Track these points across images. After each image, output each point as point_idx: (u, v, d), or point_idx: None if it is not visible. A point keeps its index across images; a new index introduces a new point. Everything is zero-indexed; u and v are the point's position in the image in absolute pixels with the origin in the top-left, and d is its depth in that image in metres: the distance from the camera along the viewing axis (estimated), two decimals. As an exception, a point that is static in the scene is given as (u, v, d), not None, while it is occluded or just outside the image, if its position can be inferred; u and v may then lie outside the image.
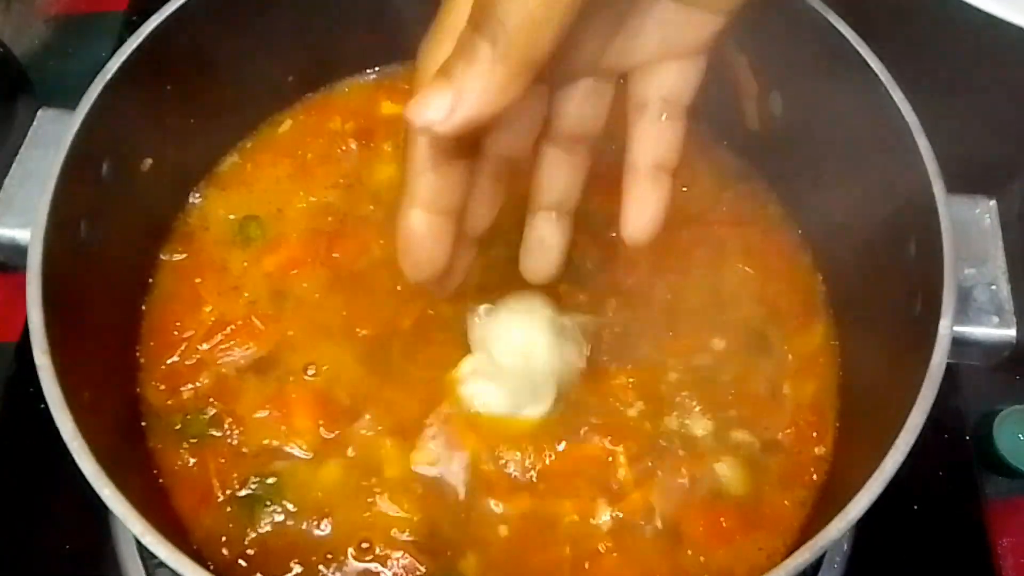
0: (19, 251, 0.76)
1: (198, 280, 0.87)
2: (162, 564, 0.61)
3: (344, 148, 0.96)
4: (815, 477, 0.80)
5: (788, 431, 0.82)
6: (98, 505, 0.62)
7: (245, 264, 0.89)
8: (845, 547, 0.87)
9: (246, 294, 0.87)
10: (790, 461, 0.81)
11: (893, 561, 0.91)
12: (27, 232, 0.71)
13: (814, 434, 0.82)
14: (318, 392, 0.82)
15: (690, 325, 0.86)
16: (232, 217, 0.91)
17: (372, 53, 1.01)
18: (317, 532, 0.76)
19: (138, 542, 0.82)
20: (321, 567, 0.75)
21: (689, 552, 0.76)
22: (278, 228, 0.91)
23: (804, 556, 0.61)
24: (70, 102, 0.76)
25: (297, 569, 0.75)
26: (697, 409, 0.82)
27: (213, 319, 0.85)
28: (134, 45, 0.78)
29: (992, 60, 1.15)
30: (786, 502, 0.79)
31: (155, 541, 0.61)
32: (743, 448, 0.81)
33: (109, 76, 0.76)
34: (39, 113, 0.81)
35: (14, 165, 0.79)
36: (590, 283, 0.87)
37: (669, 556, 0.76)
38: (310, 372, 0.83)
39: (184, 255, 0.89)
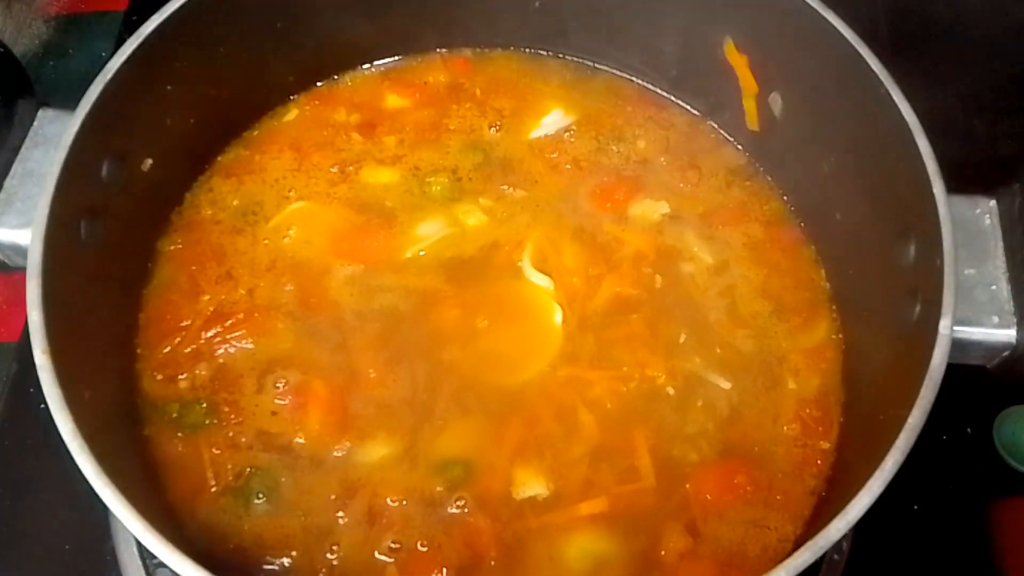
0: (19, 251, 0.76)
1: (195, 268, 0.88)
2: (162, 564, 0.61)
3: (347, 139, 0.96)
4: (821, 471, 0.80)
5: (793, 425, 0.82)
6: (98, 505, 0.62)
7: (246, 254, 0.89)
8: (845, 547, 0.86)
9: (245, 284, 0.87)
10: (795, 457, 0.81)
11: (893, 561, 0.91)
12: (27, 232, 0.71)
13: (819, 429, 0.82)
14: (317, 385, 0.82)
15: (695, 320, 0.86)
16: (236, 204, 0.92)
17: (378, 46, 1.01)
18: (313, 526, 0.76)
19: (138, 542, 0.82)
20: (322, 556, 0.75)
21: (703, 533, 0.76)
22: (280, 217, 0.91)
23: (804, 556, 0.61)
24: (70, 102, 0.76)
25: (294, 556, 0.75)
26: (702, 404, 0.82)
27: (212, 308, 0.85)
28: (134, 45, 0.78)
29: (993, 61, 1.16)
30: (796, 493, 0.79)
31: (155, 541, 0.61)
32: (749, 445, 0.81)
33: (109, 76, 0.76)
34: (39, 113, 0.81)
35: (14, 165, 0.79)
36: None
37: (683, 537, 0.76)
38: (310, 364, 0.83)
39: (183, 245, 0.89)
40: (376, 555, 0.75)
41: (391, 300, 0.86)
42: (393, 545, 0.75)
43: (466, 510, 0.77)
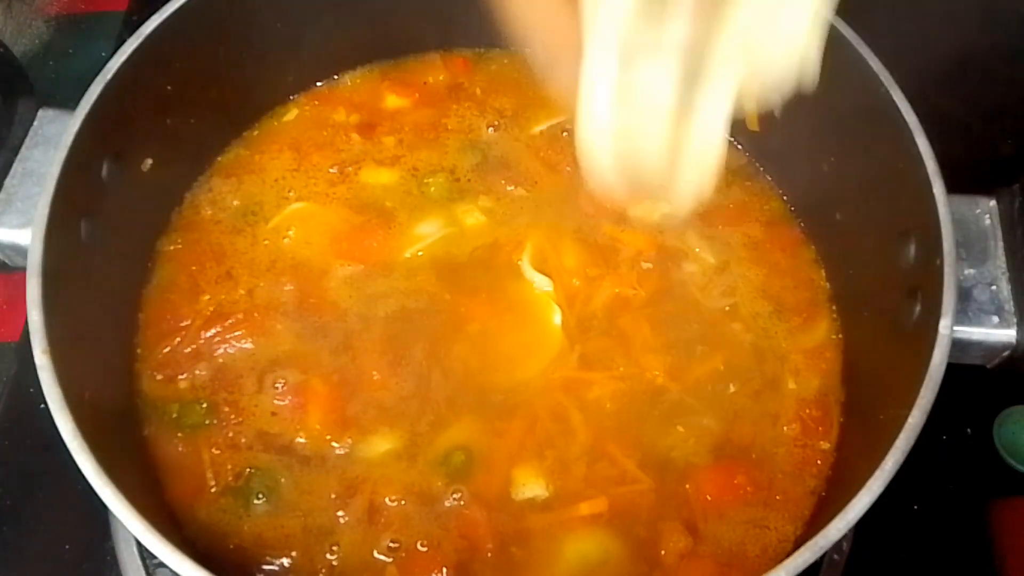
0: (19, 251, 0.76)
1: (195, 268, 0.88)
2: (162, 564, 0.61)
3: (347, 140, 0.96)
4: (821, 471, 0.80)
5: (793, 426, 0.82)
6: (98, 505, 0.62)
7: (246, 254, 0.89)
8: (845, 547, 0.87)
9: (245, 284, 0.87)
10: (795, 457, 0.81)
11: (893, 561, 0.91)
12: (27, 232, 0.71)
13: (819, 429, 0.82)
14: (316, 384, 0.82)
15: (695, 320, 0.86)
16: (236, 204, 0.92)
17: (378, 46, 1.01)
18: (313, 526, 0.76)
19: (138, 542, 0.82)
20: (322, 556, 0.74)
21: (703, 533, 0.77)
22: (280, 217, 0.91)
23: (804, 556, 0.61)
24: (70, 102, 0.76)
25: (294, 556, 0.75)
26: (701, 405, 0.82)
27: (211, 308, 0.85)
28: (134, 45, 0.79)
29: (993, 60, 1.16)
30: (796, 493, 0.79)
31: (155, 541, 0.61)
32: (749, 445, 0.81)
33: (109, 76, 0.76)
34: (39, 113, 0.81)
35: (14, 165, 0.79)
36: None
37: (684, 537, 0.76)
38: (309, 364, 0.82)
39: (182, 245, 0.89)
40: (376, 555, 0.75)
41: (390, 300, 0.86)
42: (392, 544, 0.75)
43: (462, 502, 0.77)
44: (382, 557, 0.75)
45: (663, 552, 0.75)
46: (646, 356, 0.84)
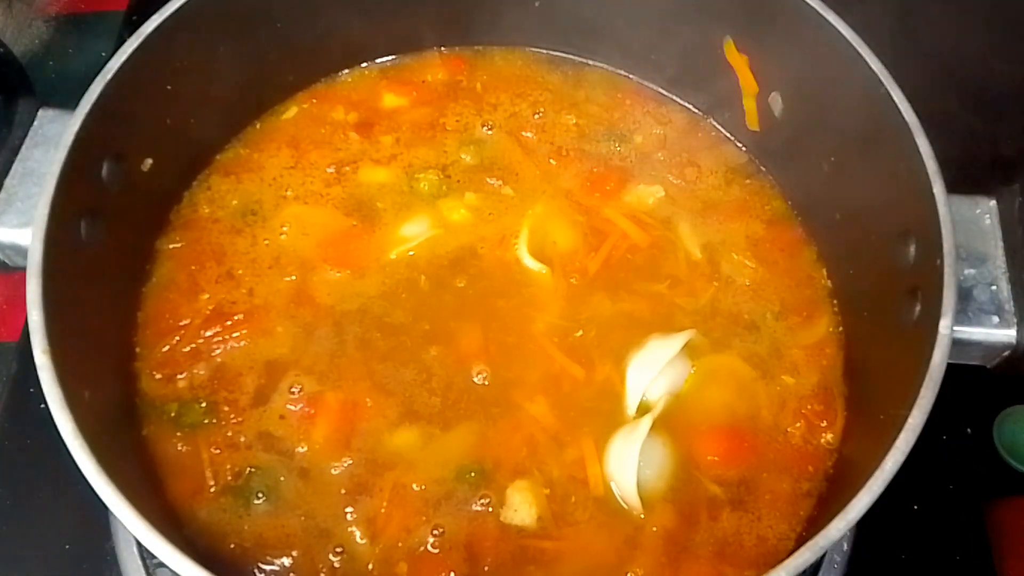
0: (19, 251, 0.76)
1: (194, 267, 0.87)
2: (162, 564, 0.61)
3: (345, 139, 0.96)
4: (822, 470, 0.80)
5: (796, 424, 0.82)
6: (98, 505, 0.62)
7: (247, 253, 0.89)
8: (845, 547, 0.87)
9: (245, 283, 0.87)
10: (796, 456, 0.81)
11: (893, 561, 0.91)
12: (27, 232, 0.71)
13: (823, 424, 0.82)
14: (315, 383, 0.82)
15: (694, 317, 0.86)
16: (234, 202, 0.91)
17: (377, 44, 1.01)
18: (313, 526, 0.76)
19: (138, 542, 0.82)
20: (324, 556, 0.74)
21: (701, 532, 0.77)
22: (279, 216, 0.91)
23: (805, 556, 0.61)
24: (70, 102, 0.76)
25: (295, 556, 0.75)
26: (702, 402, 0.82)
27: (211, 308, 0.85)
28: (134, 45, 0.79)
29: (993, 60, 1.16)
30: (796, 492, 0.79)
31: (155, 541, 0.61)
32: (749, 443, 0.81)
33: (109, 76, 0.76)
34: (39, 113, 0.81)
35: (14, 165, 0.79)
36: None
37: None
38: (313, 368, 0.82)
39: (181, 244, 0.89)
40: (377, 557, 0.75)
41: (387, 300, 0.86)
42: (397, 547, 0.75)
43: (472, 510, 0.77)
44: (384, 560, 0.74)
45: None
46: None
